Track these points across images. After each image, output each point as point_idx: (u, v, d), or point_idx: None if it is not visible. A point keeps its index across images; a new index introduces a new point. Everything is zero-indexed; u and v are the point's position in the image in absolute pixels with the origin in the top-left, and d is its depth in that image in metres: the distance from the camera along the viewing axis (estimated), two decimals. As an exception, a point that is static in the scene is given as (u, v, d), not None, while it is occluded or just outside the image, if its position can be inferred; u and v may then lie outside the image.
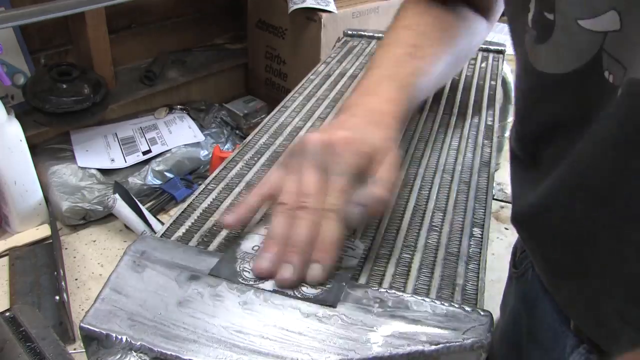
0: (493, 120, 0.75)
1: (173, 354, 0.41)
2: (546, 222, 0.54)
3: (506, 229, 1.64)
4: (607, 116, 0.44)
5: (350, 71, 0.89)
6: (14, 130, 1.36)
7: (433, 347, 0.41)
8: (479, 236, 0.54)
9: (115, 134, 1.73)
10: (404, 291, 0.47)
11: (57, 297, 1.23)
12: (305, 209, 0.48)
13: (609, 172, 0.45)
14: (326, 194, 0.49)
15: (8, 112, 1.36)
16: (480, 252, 0.52)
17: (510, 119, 1.77)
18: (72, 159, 1.59)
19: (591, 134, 0.46)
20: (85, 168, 1.56)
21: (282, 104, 0.78)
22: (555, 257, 0.56)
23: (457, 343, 0.41)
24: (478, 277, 0.50)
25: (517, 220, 0.61)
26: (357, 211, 0.49)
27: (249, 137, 0.70)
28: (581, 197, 0.49)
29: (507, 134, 1.83)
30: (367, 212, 0.49)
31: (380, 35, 1.02)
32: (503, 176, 1.87)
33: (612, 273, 0.49)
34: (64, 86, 1.59)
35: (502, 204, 1.74)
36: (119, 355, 0.42)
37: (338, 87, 0.83)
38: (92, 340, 0.43)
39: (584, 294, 0.54)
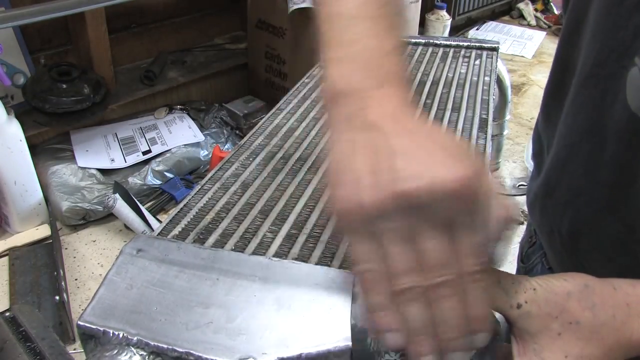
0: (487, 114, 0.75)
1: (169, 346, 0.41)
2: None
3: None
4: None
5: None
6: (14, 130, 1.37)
7: None
8: None
9: (115, 134, 1.73)
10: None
11: (57, 297, 1.24)
12: (447, 283, 0.37)
13: None
14: (460, 259, 0.37)
15: (8, 112, 1.37)
16: None
17: (508, 117, 1.78)
18: (72, 159, 1.59)
19: None
20: (85, 168, 1.57)
21: (277, 106, 0.78)
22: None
23: None
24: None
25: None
26: (496, 248, 0.38)
27: (245, 139, 0.70)
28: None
29: (506, 132, 1.83)
30: (504, 241, 0.39)
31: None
32: (503, 177, 1.87)
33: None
34: (64, 86, 1.59)
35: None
36: (116, 351, 0.42)
37: (335, 86, 0.84)
38: (89, 338, 0.43)
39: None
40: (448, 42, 0.97)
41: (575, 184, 0.56)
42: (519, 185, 1.78)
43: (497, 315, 0.42)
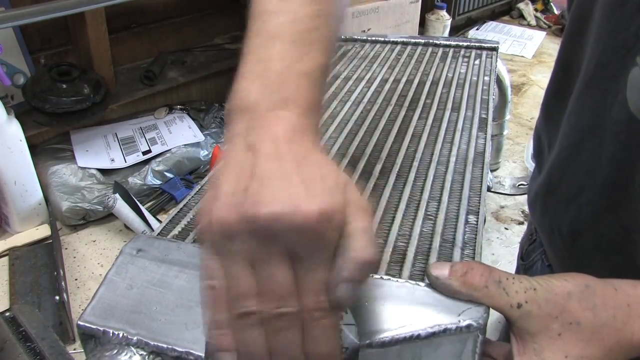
0: (487, 114, 0.75)
1: (169, 346, 0.41)
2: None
3: (506, 229, 1.64)
4: None
5: (344, 73, 0.89)
6: (14, 130, 1.37)
7: (429, 330, 0.41)
8: (474, 223, 0.55)
9: (115, 134, 1.73)
10: (399, 278, 0.47)
11: (57, 297, 1.23)
12: (287, 315, 0.35)
13: None
14: (305, 289, 0.36)
15: (8, 112, 1.36)
16: (475, 239, 0.53)
17: (508, 116, 1.78)
18: (72, 159, 1.59)
19: None
20: (85, 168, 1.57)
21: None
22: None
23: (453, 325, 0.41)
24: (474, 261, 0.50)
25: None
26: (344, 289, 0.36)
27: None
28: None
29: (506, 132, 1.83)
30: (357, 284, 0.37)
31: (373, 38, 1.02)
32: (503, 176, 1.87)
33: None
34: (64, 86, 1.59)
35: (503, 203, 1.74)
36: (115, 351, 0.42)
37: (332, 89, 0.84)
38: (89, 337, 0.44)
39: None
40: (448, 42, 0.97)
41: (576, 183, 0.56)
42: (518, 185, 1.78)
43: (497, 314, 0.42)
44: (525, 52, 2.86)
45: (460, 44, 0.96)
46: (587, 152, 0.54)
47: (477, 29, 3.16)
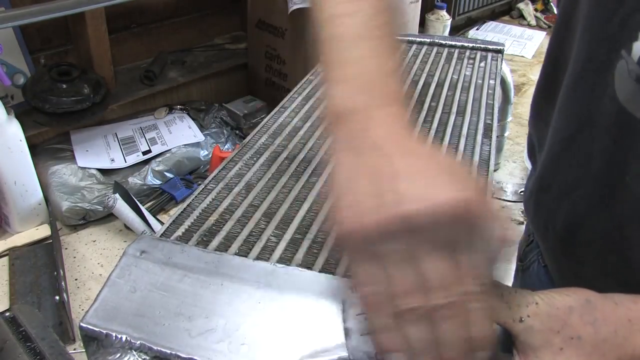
0: (492, 119, 0.75)
1: (172, 352, 0.41)
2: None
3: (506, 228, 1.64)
4: None
5: (350, 71, 0.89)
6: (14, 130, 1.36)
7: None
8: None
9: (115, 134, 1.73)
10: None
11: (57, 297, 1.23)
12: (447, 306, 0.37)
13: None
14: (462, 280, 0.37)
15: (8, 112, 1.36)
16: None
17: (510, 118, 1.78)
18: (72, 159, 1.59)
19: None
20: (85, 168, 1.57)
21: (281, 104, 0.78)
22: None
23: None
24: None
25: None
26: (495, 268, 0.39)
27: (248, 138, 0.70)
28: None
29: (507, 133, 1.83)
30: (503, 259, 0.39)
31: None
32: (503, 176, 1.87)
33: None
34: (64, 86, 1.59)
35: (503, 203, 1.74)
36: (118, 354, 0.42)
37: (337, 87, 0.83)
38: (92, 340, 0.43)
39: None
40: (453, 43, 0.97)
41: (569, 178, 0.56)
42: (520, 192, 1.77)
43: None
44: (525, 52, 2.86)
45: (466, 44, 0.96)
46: (579, 147, 0.54)
47: (477, 29, 3.16)
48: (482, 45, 0.96)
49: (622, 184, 0.49)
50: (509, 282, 0.81)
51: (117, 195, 1.38)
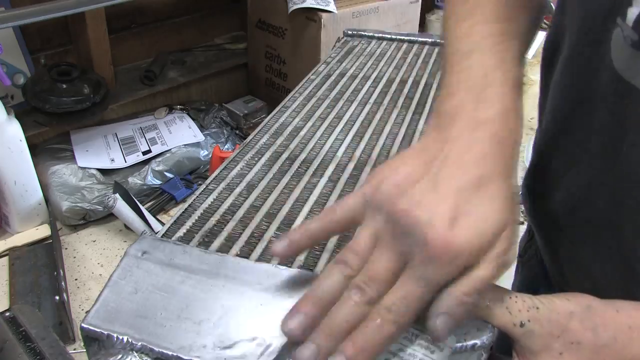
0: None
1: (174, 354, 0.41)
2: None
3: (506, 229, 1.64)
4: None
5: (351, 71, 0.89)
6: (14, 130, 1.36)
7: (434, 347, 0.41)
8: None
9: (115, 134, 1.73)
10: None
11: (57, 297, 1.23)
12: (362, 293, 0.39)
13: None
14: (396, 288, 0.38)
15: (8, 112, 1.36)
16: None
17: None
18: (72, 159, 1.59)
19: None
20: (85, 168, 1.57)
21: (282, 103, 0.78)
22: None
23: (459, 344, 0.41)
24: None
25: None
26: (438, 322, 0.38)
27: (250, 137, 0.70)
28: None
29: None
30: (453, 321, 0.39)
31: (380, 35, 1.02)
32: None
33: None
34: (64, 86, 1.59)
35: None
36: (120, 356, 0.42)
37: (338, 87, 0.83)
38: (93, 340, 0.43)
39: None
40: (453, 43, 0.97)
41: (568, 156, 0.56)
42: (520, 193, 1.77)
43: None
44: (526, 53, 2.86)
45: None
46: (578, 122, 0.53)
47: (477, 29, 3.15)
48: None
49: (620, 157, 0.49)
50: (510, 278, 0.81)
51: (117, 195, 1.38)
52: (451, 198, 0.38)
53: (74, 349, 1.15)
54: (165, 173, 1.64)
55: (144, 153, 1.67)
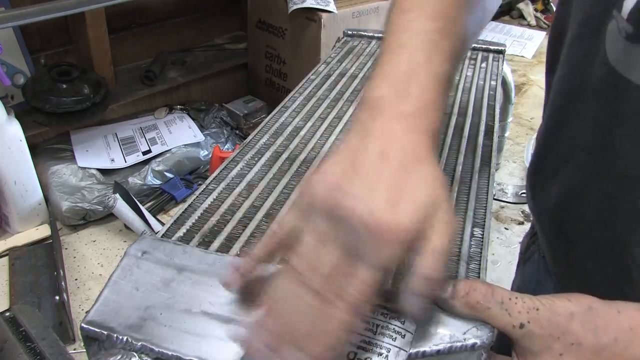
0: (493, 121, 0.75)
1: (174, 354, 0.41)
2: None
3: (506, 229, 1.64)
4: None
5: (351, 71, 0.89)
6: (14, 130, 1.36)
7: (434, 348, 0.41)
8: (480, 236, 0.55)
9: (115, 134, 1.73)
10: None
11: (57, 297, 1.23)
12: (314, 293, 0.38)
13: None
14: (347, 279, 0.39)
15: (8, 112, 1.36)
16: (480, 252, 0.52)
17: (511, 118, 1.78)
18: (72, 159, 1.59)
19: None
20: (85, 168, 1.57)
21: (282, 103, 0.78)
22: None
23: (459, 343, 0.41)
24: (479, 277, 0.50)
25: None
26: (414, 303, 0.39)
27: (250, 137, 0.70)
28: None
29: (507, 133, 1.83)
30: (424, 299, 0.39)
31: (380, 35, 1.02)
32: (503, 176, 1.87)
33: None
34: (64, 86, 1.59)
35: (502, 204, 1.74)
36: (119, 356, 0.42)
37: (338, 87, 0.83)
38: (93, 340, 0.43)
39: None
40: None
41: (563, 152, 0.56)
42: (521, 194, 1.77)
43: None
44: (525, 52, 2.86)
45: (466, 45, 0.96)
46: (573, 117, 0.53)
47: (477, 29, 3.15)
48: (484, 46, 0.96)
49: (611, 152, 0.49)
50: (511, 276, 0.82)
51: (117, 195, 1.38)
52: (383, 184, 0.39)
53: (74, 349, 1.15)
54: (165, 173, 1.64)
55: (144, 153, 1.67)
